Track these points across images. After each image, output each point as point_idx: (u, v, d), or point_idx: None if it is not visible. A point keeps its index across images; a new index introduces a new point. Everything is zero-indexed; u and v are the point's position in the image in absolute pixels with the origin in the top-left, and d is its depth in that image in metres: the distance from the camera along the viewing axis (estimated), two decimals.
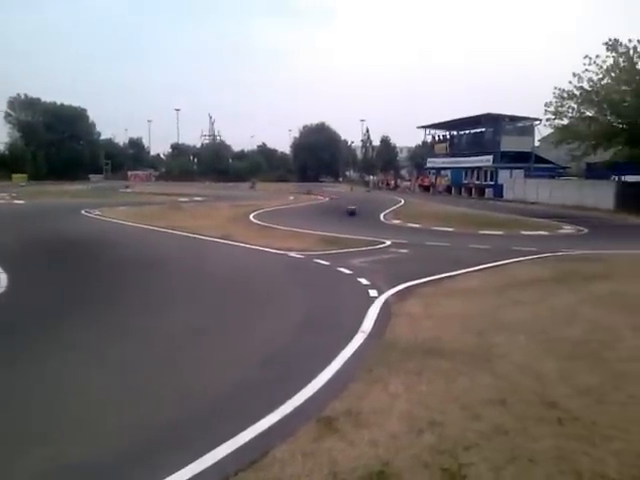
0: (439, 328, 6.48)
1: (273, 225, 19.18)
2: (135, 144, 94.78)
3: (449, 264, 11.12)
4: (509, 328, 6.44)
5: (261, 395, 4.51)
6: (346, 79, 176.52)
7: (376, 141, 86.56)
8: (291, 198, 40.04)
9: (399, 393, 4.50)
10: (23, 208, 28.15)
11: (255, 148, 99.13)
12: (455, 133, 57.65)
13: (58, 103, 79.85)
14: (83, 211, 24.13)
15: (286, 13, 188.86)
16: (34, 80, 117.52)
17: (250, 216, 22.80)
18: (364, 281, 9.25)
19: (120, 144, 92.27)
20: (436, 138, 61.20)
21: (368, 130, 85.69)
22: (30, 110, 78.69)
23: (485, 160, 48.04)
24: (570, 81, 30.19)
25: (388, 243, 14.53)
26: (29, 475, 3.33)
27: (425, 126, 60.07)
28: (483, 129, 51.42)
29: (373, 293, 8.39)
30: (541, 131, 44.95)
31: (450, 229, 19.23)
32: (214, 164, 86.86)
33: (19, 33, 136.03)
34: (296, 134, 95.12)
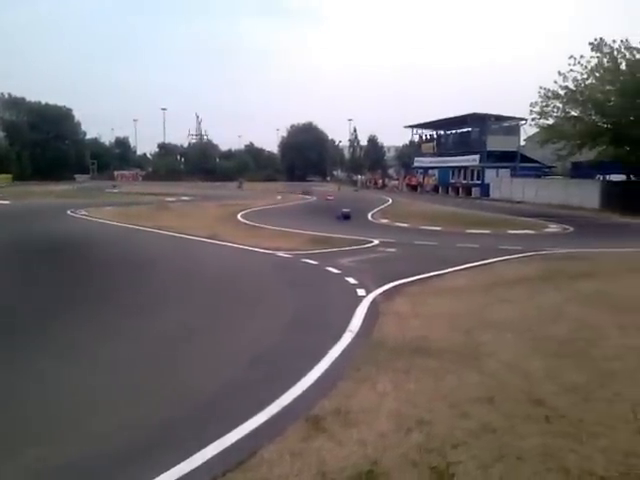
0: (427, 327, 6.49)
1: (261, 225, 19.15)
2: (121, 144, 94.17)
3: (437, 263, 11.15)
4: (496, 326, 6.47)
5: (249, 395, 4.48)
6: (335, 79, 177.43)
7: (364, 141, 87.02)
8: (279, 198, 40.01)
9: (387, 392, 4.49)
10: (8, 208, 27.84)
11: (243, 148, 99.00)
12: (442, 133, 57.90)
13: (43, 102, 79.16)
14: (69, 211, 23.91)
15: (277, 13, 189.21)
16: (18, 79, 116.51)
17: (238, 215, 22.78)
18: (352, 280, 9.25)
19: (106, 144, 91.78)
20: (423, 138, 61.39)
21: (355, 130, 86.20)
22: (14, 110, 77.99)
23: (472, 160, 48.30)
24: (555, 81, 30.36)
25: (376, 242, 14.55)
26: (23, 475, 3.31)
27: (412, 126, 60.26)
28: (469, 129, 51.75)
29: (361, 292, 8.39)
30: (527, 131, 45.29)
31: (438, 228, 19.31)
32: (201, 164, 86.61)
33: (2, 31, 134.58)
34: (284, 134, 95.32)
